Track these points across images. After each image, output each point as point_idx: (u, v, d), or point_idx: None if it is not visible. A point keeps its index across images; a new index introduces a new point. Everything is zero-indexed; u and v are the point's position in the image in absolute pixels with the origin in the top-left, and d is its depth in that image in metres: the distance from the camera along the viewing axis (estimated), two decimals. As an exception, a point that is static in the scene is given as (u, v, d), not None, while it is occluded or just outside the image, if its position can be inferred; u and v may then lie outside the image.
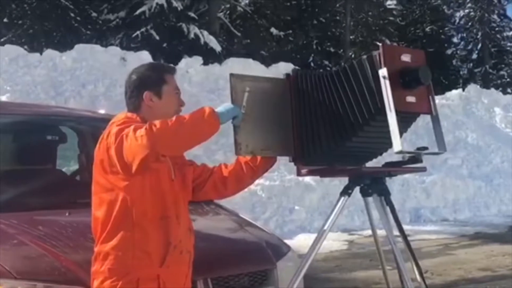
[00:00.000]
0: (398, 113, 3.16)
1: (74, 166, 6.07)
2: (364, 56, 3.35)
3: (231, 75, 3.37)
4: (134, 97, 3.32)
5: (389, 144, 3.25)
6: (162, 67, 3.48)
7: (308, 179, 12.43)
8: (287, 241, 5.04)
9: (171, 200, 3.26)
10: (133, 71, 3.40)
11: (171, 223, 3.23)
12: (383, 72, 3.20)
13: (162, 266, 3.19)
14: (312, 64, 32.76)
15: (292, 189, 12.55)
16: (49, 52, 15.02)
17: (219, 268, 4.00)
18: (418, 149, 3.36)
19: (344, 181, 3.70)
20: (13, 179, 4.91)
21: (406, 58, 3.28)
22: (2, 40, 21.32)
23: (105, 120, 6.08)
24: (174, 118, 3.00)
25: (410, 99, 3.25)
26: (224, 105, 3.23)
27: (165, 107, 3.29)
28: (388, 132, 3.17)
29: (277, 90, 3.51)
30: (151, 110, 3.28)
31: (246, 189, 3.74)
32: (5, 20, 24.53)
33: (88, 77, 14.30)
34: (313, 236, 3.67)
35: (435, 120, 3.40)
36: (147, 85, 3.30)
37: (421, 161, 3.39)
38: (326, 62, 33.03)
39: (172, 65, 3.58)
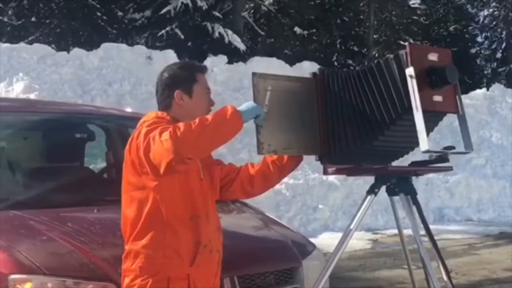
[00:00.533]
0: (425, 112, 3.17)
1: (102, 164, 6.13)
2: (391, 56, 3.36)
3: (254, 74, 3.38)
4: (165, 96, 3.33)
5: (416, 143, 3.26)
6: (193, 66, 3.46)
7: (332, 178, 12.44)
8: (311, 240, 5.05)
9: (201, 199, 3.28)
10: (165, 69, 3.40)
11: (201, 223, 3.25)
12: (410, 71, 3.21)
13: (192, 266, 3.20)
14: (335, 63, 32.67)
15: (316, 188, 12.56)
16: (76, 51, 15.12)
17: (245, 266, 4.03)
18: (445, 148, 3.36)
19: (368, 180, 3.71)
20: (42, 177, 4.97)
21: (433, 57, 3.29)
22: (30, 39, 21.48)
23: (132, 118, 6.17)
24: (197, 120, 3.00)
25: (437, 98, 3.25)
26: (246, 104, 3.23)
27: (195, 106, 3.30)
28: (415, 131, 3.18)
29: (300, 89, 3.51)
30: (181, 109, 3.29)
31: (270, 188, 3.73)
32: (33, 19, 24.68)
33: (114, 75, 14.38)
34: (337, 235, 3.70)
35: (462, 120, 3.40)
36: (179, 84, 3.31)
37: (447, 161, 3.39)
38: (350, 61, 32.91)
39: (203, 64, 3.57)
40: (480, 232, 12.09)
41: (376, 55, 30.84)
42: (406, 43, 3.41)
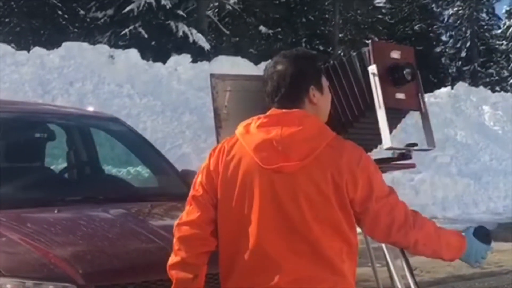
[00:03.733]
0: (387, 109, 3.17)
1: (63, 164, 6.05)
2: (354, 53, 3.36)
3: (211, 75, 3.35)
4: (291, 92, 2.77)
5: (379, 141, 3.26)
6: (316, 56, 2.97)
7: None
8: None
9: None
10: (282, 61, 2.82)
11: None
12: (372, 69, 3.20)
13: None
14: (300, 62, 32.78)
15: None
16: (37, 50, 14.96)
17: (209, 265, 3.97)
18: (408, 145, 3.37)
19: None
20: (1, 177, 4.88)
21: (395, 54, 3.29)
22: (-11, 38, 21.25)
23: (93, 117, 6.10)
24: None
25: (400, 95, 3.25)
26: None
27: (327, 103, 2.87)
28: (378, 128, 3.18)
29: (260, 88, 3.48)
30: (315, 109, 2.80)
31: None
32: (-8, 18, 24.47)
33: (76, 75, 14.24)
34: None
35: (425, 117, 3.41)
36: (310, 78, 2.79)
37: (410, 158, 3.40)
38: (315, 60, 33.08)
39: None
40: (445, 230, 12.17)
41: (342, 54, 31.04)
42: (369, 41, 3.40)
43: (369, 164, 2.75)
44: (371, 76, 3.20)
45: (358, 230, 2.74)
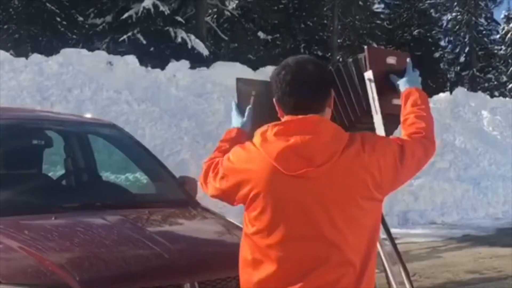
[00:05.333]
0: (384, 115, 3.17)
1: (60, 171, 6.04)
2: (350, 59, 3.36)
3: (238, 79, 3.35)
4: (323, 96, 2.75)
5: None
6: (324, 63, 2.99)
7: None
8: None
9: None
10: (306, 64, 2.76)
11: None
12: (368, 74, 3.21)
13: None
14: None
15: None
16: (35, 57, 14.93)
17: (207, 272, 3.97)
18: (405, 151, 3.36)
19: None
20: (-1, 184, 4.88)
21: (391, 60, 3.29)
22: (-13, 44, 21.24)
23: (91, 124, 6.10)
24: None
25: (396, 101, 3.25)
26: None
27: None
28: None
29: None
30: (329, 113, 2.81)
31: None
32: (-10, 24, 24.46)
33: (74, 81, 14.22)
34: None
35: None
36: (327, 83, 2.80)
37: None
38: (314, 66, 33.09)
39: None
40: (444, 235, 12.16)
41: (340, 59, 31.06)
42: (365, 47, 3.41)
43: (381, 143, 2.76)
44: (367, 82, 3.21)
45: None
